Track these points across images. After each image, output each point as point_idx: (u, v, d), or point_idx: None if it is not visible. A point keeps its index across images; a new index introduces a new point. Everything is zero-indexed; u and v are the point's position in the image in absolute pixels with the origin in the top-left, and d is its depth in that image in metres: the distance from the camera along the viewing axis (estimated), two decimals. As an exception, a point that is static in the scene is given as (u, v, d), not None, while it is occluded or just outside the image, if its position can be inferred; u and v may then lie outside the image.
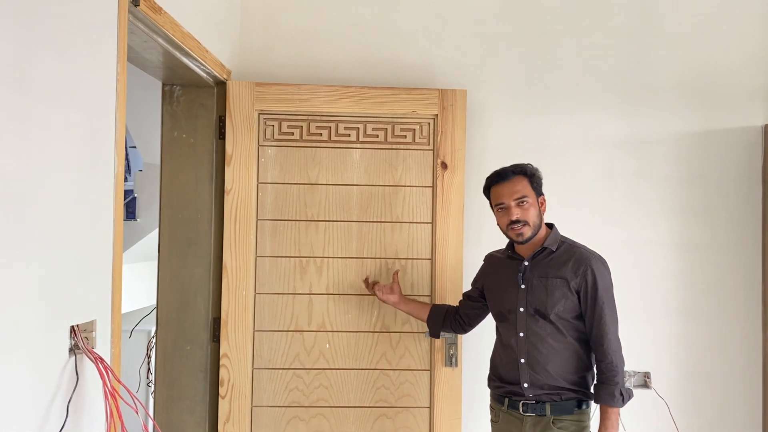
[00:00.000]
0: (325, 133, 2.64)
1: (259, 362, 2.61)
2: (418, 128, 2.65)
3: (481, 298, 2.35)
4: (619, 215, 2.74)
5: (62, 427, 1.40)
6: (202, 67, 2.35)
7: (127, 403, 1.51)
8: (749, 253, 2.73)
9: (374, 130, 2.65)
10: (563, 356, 2.10)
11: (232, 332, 2.56)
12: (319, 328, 2.63)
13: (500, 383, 2.21)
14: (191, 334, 2.58)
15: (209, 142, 2.60)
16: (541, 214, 2.14)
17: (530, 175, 2.14)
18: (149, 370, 3.10)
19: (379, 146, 2.65)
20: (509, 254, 2.24)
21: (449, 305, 2.47)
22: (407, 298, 2.52)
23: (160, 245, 2.59)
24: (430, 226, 2.65)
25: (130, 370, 2.96)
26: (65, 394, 1.43)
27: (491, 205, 2.19)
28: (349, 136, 2.64)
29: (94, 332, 1.54)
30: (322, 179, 2.63)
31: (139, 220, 4.00)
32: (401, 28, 2.76)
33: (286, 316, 2.62)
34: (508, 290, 2.19)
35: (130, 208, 3.97)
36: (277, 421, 2.60)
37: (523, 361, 2.12)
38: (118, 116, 1.65)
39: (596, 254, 2.13)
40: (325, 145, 2.64)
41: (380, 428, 2.62)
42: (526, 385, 2.12)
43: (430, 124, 2.65)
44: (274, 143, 2.63)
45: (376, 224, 2.64)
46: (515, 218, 2.09)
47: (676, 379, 2.72)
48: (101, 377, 1.47)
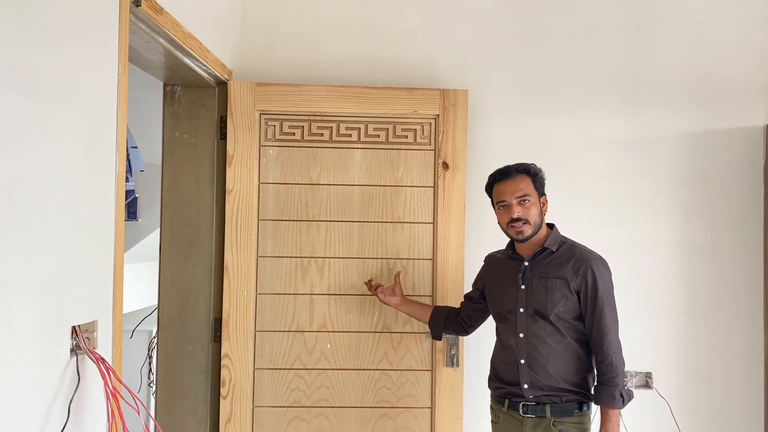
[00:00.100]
0: (326, 133, 2.64)
1: (260, 362, 2.61)
2: (419, 128, 2.65)
3: (482, 299, 2.34)
4: (620, 215, 2.74)
5: (63, 427, 1.40)
6: (203, 67, 2.35)
7: (128, 403, 1.51)
8: (751, 253, 2.73)
9: (375, 130, 2.65)
10: (563, 357, 2.10)
11: (233, 332, 2.56)
12: (320, 328, 2.63)
13: (500, 384, 2.20)
14: (192, 334, 2.58)
15: (210, 142, 2.60)
16: (542, 213, 2.14)
17: (533, 174, 2.14)
18: (150, 370, 3.10)
19: (380, 146, 2.65)
20: (510, 254, 2.23)
21: (451, 307, 2.47)
22: (409, 299, 2.52)
23: (161, 245, 2.60)
24: (431, 226, 2.64)
25: (131, 370, 2.97)
26: (66, 394, 1.43)
27: (493, 203, 2.19)
28: (350, 136, 2.64)
29: (95, 332, 1.54)
30: (323, 179, 2.63)
31: (140, 220, 4.00)
32: (402, 28, 2.76)
33: (287, 316, 2.62)
34: (508, 290, 2.18)
35: (131, 208, 3.97)
36: (278, 421, 2.60)
37: (522, 361, 2.12)
38: (119, 116, 1.66)
39: (596, 255, 2.13)
40: (326, 145, 2.64)
41: (381, 428, 2.61)
42: (525, 386, 2.11)
43: (431, 124, 2.65)
44: (275, 143, 2.63)
45: (377, 224, 2.64)
46: (516, 216, 2.09)
47: (677, 379, 2.72)
48: (102, 378, 1.47)
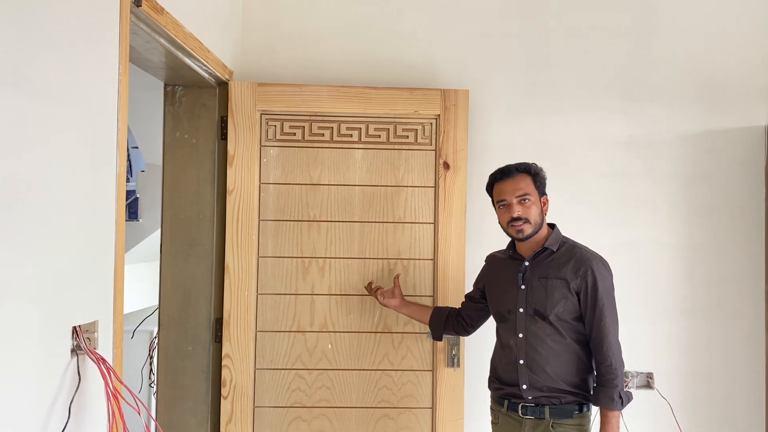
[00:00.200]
0: (327, 133, 2.64)
1: (261, 363, 2.60)
2: (420, 128, 2.65)
3: (482, 299, 2.34)
4: (620, 215, 2.73)
5: (64, 428, 1.39)
6: (204, 67, 2.35)
7: (129, 404, 1.51)
8: (752, 252, 2.72)
9: (376, 130, 2.65)
10: (563, 358, 2.09)
11: (234, 333, 2.56)
12: (321, 328, 2.62)
13: (500, 385, 2.20)
14: (193, 334, 2.58)
15: (211, 142, 2.59)
16: (543, 213, 2.14)
17: (534, 173, 2.13)
18: (151, 370, 3.10)
19: (381, 146, 2.65)
20: (510, 254, 2.23)
21: (451, 307, 2.47)
22: (408, 301, 2.51)
23: (162, 246, 2.59)
24: (432, 226, 2.64)
25: (132, 370, 2.96)
26: (67, 395, 1.43)
27: (493, 202, 2.19)
28: (351, 136, 2.64)
29: (96, 333, 1.54)
30: (324, 179, 2.63)
31: (141, 220, 4.00)
32: (403, 28, 2.76)
33: (288, 316, 2.61)
34: (508, 290, 2.18)
35: (132, 208, 3.97)
36: (279, 421, 2.60)
37: (521, 362, 2.11)
38: (120, 117, 1.65)
39: (597, 255, 2.12)
40: (327, 145, 2.64)
41: (382, 429, 2.61)
42: (524, 386, 2.10)
43: (432, 124, 2.65)
44: (276, 143, 2.62)
45: (378, 224, 2.64)
46: (516, 215, 2.08)
47: (678, 379, 2.71)
48: (103, 378, 1.47)
